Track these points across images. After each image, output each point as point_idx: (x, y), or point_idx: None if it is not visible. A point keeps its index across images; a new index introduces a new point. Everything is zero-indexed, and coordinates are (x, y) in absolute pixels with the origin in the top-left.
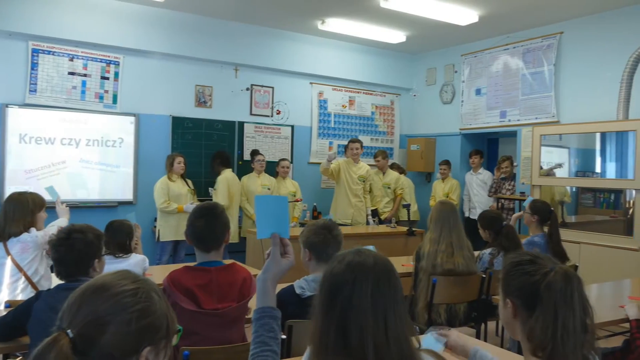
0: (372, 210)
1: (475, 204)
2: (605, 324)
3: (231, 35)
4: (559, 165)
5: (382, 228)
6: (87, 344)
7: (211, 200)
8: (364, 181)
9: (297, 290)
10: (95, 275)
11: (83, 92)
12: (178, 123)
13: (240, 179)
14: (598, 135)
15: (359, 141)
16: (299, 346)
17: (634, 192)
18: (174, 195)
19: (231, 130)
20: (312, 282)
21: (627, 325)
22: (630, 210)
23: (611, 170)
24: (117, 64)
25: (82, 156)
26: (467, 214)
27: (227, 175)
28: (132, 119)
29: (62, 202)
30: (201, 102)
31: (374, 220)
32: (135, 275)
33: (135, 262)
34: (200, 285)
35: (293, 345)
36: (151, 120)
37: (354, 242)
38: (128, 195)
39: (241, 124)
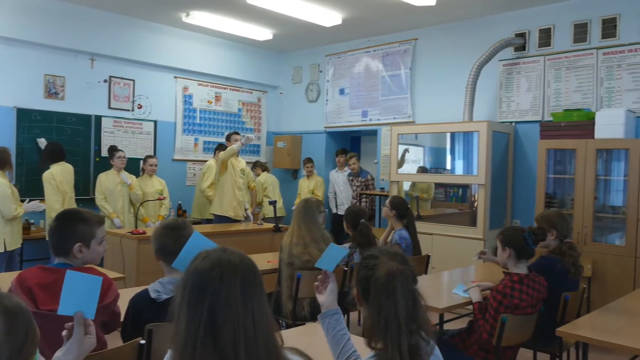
0: None
1: (343, 200)
2: (453, 307)
3: (87, 22)
4: (407, 151)
5: (249, 225)
6: None
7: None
8: (243, 175)
9: (152, 295)
10: None
11: None
12: (24, 115)
13: (97, 176)
14: (448, 135)
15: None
16: (160, 350)
17: (477, 186)
18: (16, 197)
19: (87, 125)
20: (167, 284)
21: (471, 307)
22: (475, 204)
23: (459, 167)
24: None
25: None
26: (334, 210)
27: (52, 172)
28: None
29: None
30: (52, 93)
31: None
32: None
33: None
34: (41, 285)
35: (153, 350)
36: None
37: (218, 241)
38: None
39: (98, 117)
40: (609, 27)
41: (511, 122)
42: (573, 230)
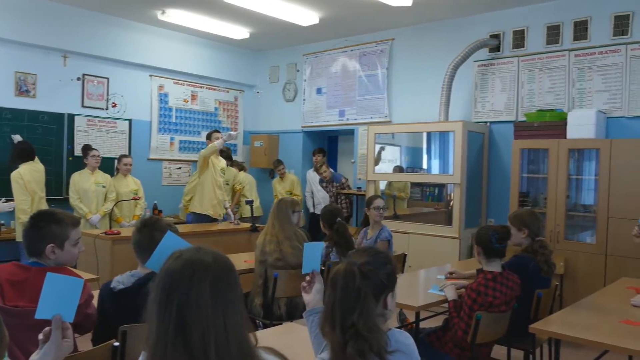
0: None
1: (320, 200)
2: (429, 305)
3: (59, 18)
4: (382, 149)
5: (225, 225)
6: None
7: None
8: (224, 174)
9: (112, 284)
10: None
11: None
12: None
13: (70, 176)
14: (424, 135)
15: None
16: (134, 352)
17: (453, 186)
18: None
19: (59, 123)
20: (130, 277)
21: (447, 305)
22: (451, 203)
23: (435, 166)
24: None
25: None
26: (311, 210)
27: (20, 171)
28: None
29: None
30: (23, 91)
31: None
32: None
33: None
34: (12, 281)
35: (128, 352)
36: None
37: (195, 240)
38: None
39: (71, 116)
40: (581, 30)
41: (486, 122)
42: (546, 228)
